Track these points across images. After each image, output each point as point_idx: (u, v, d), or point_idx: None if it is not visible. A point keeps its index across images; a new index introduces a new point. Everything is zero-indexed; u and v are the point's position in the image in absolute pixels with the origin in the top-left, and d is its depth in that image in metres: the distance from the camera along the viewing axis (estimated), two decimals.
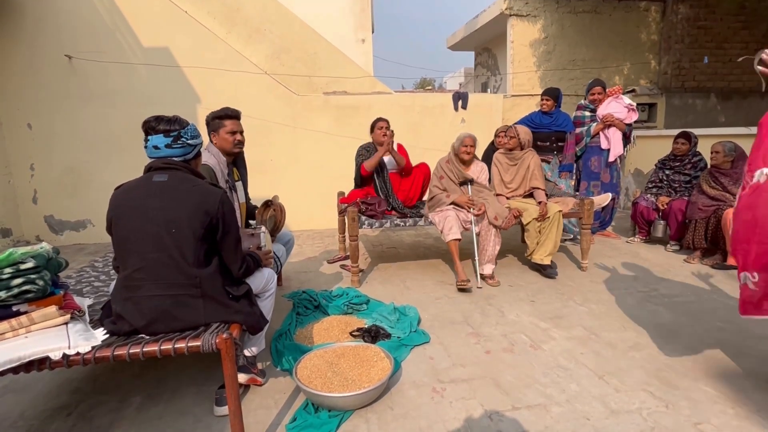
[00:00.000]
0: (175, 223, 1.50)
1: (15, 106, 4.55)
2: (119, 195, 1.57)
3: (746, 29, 6.71)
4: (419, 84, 27.09)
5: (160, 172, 1.58)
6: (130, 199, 1.54)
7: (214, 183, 1.74)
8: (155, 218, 1.50)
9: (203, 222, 1.54)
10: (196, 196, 1.55)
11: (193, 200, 1.54)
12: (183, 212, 1.51)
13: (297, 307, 2.73)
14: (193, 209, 1.53)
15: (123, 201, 1.54)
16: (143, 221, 1.50)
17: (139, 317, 1.46)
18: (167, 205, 1.51)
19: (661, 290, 3.01)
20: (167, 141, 1.58)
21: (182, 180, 1.57)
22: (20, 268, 1.30)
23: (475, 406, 1.79)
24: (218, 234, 1.61)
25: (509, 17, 6.54)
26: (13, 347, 1.24)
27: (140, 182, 1.57)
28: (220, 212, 1.58)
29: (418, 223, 3.35)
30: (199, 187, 1.58)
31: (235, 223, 1.66)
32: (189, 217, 1.51)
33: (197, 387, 1.97)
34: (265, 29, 5.07)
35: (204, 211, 1.54)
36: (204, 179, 1.67)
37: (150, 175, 1.58)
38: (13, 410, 1.85)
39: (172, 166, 1.59)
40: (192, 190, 1.56)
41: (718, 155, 3.57)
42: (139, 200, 1.52)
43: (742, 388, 1.86)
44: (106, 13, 4.59)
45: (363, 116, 5.09)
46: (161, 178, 1.56)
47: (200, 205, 1.54)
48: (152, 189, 1.54)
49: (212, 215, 1.55)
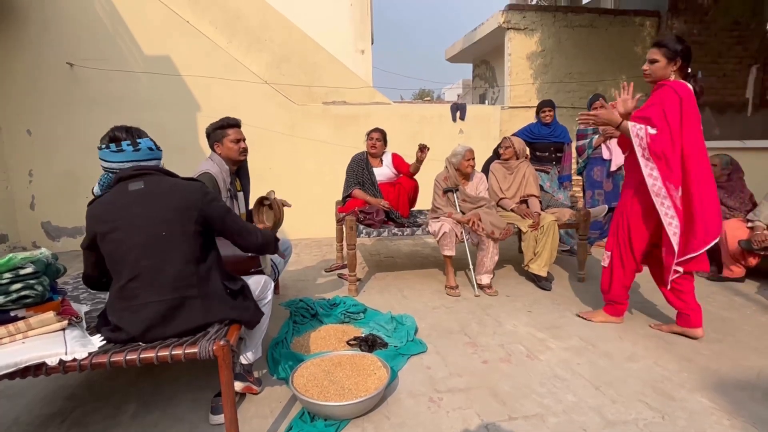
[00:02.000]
0: (164, 226, 1.50)
1: (15, 112, 4.57)
2: (97, 210, 1.54)
3: (740, 44, 6.83)
4: (418, 95, 27.33)
5: (133, 181, 1.57)
6: (109, 212, 1.52)
7: (189, 177, 1.74)
8: (141, 226, 1.49)
9: (192, 217, 1.54)
10: (177, 195, 1.55)
11: (176, 199, 1.54)
12: (169, 213, 1.52)
13: (294, 316, 2.73)
14: (179, 208, 1.53)
15: (104, 216, 1.52)
16: (129, 232, 1.49)
17: (137, 325, 1.46)
18: (150, 210, 1.51)
19: (655, 301, 3.02)
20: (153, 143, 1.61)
21: (158, 182, 1.57)
22: (19, 273, 1.30)
23: (472, 416, 1.78)
24: (215, 223, 1.62)
25: (507, 30, 6.64)
26: (10, 353, 1.23)
27: (116, 194, 1.55)
28: (206, 203, 1.59)
29: (416, 232, 3.36)
30: (177, 185, 1.59)
31: (224, 205, 1.69)
32: (175, 217, 1.52)
33: (193, 395, 1.96)
34: (265, 39, 5.13)
35: (189, 207, 1.55)
36: (177, 177, 1.67)
37: (124, 185, 1.55)
38: (7, 415, 1.84)
39: (143, 171, 1.58)
40: (172, 190, 1.56)
41: (716, 168, 3.61)
42: (120, 212, 1.51)
43: (738, 399, 1.87)
44: (108, 22, 4.64)
45: (362, 126, 5.12)
46: (137, 185, 1.54)
47: (184, 202, 1.55)
48: (131, 198, 1.53)
49: (199, 208, 1.56)
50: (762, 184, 3.58)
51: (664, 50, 2.31)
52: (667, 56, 2.30)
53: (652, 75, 2.37)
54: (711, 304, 2.95)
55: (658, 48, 2.32)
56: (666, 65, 2.31)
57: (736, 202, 3.53)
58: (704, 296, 3.10)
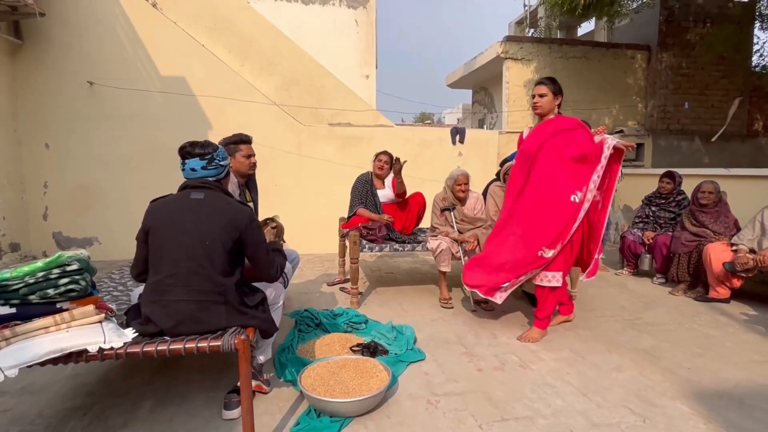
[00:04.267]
0: (209, 236, 1.69)
1: (35, 127, 4.79)
2: (157, 207, 1.76)
3: (726, 78, 7.17)
4: (419, 118, 27.84)
5: (197, 191, 1.79)
6: (168, 211, 1.72)
7: (242, 201, 1.95)
8: (191, 231, 1.68)
9: (233, 236, 1.73)
10: (228, 213, 1.75)
11: (226, 217, 1.74)
12: (216, 227, 1.70)
13: (299, 325, 2.86)
14: (226, 225, 1.72)
15: (161, 213, 1.73)
16: (179, 232, 1.68)
17: (166, 319, 1.61)
18: (203, 219, 1.70)
19: (645, 318, 3.17)
20: (203, 163, 1.79)
21: (216, 198, 1.78)
22: (66, 269, 1.47)
23: (467, 417, 1.91)
24: (248, 248, 1.80)
25: (505, 60, 6.97)
26: (57, 339, 1.38)
27: (178, 198, 1.77)
28: (249, 228, 1.78)
29: (416, 248, 3.52)
30: (231, 205, 1.79)
31: (263, 235, 1.86)
32: (221, 232, 1.71)
33: (205, 393, 2.08)
34: (276, 63, 5.42)
35: (234, 226, 1.73)
36: (233, 198, 1.87)
37: (187, 192, 1.77)
38: (31, 409, 1.96)
39: (207, 185, 1.80)
40: (225, 208, 1.76)
41: (712, 195, 3.78)
42: (177, 213, 1.71)
43: (715, 407, 2.01)
44: (128, 44, 4.92)
45: (366, 146, 5.37)
46: (198, 195, 1.76)
47: (232, 221, 1.74)
48: (189, 204, 1.74)
49: (241, 230, 1.75)
50: (746, 210, 3.77)
51: (551, 86, 2.67)
52: (553, 91, 2.66)
53: (542, 108, 2.70)
54: (696, 323, 3.10)
55: (545, 84, 2.68)
56: (553, 99, 2.67)
57: (722, 226, 3.72)
58: (691, 315, 3.25)
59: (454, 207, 3.49)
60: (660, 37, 6.96)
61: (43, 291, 1.45)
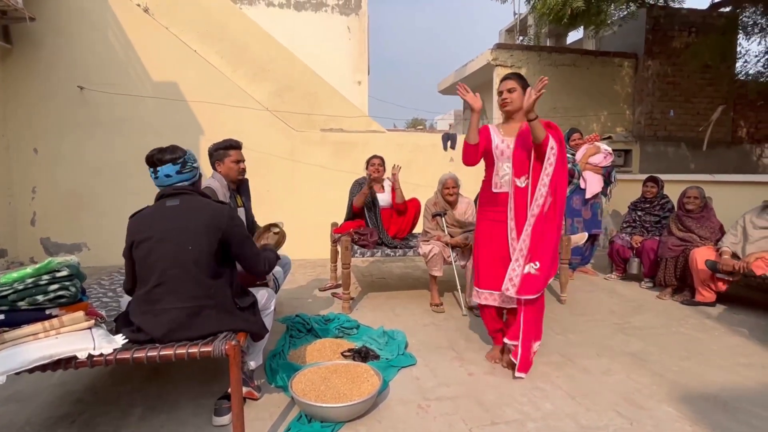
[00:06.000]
0: (192, 241, 1.69)
1: (23, 131, 4.74)
2: (137, 221, 1.76)
3: (711, 86, 7.32)
4: (411, 123, 28.01)
5: (171, 198, 1.78)
6: (148, 224, 1.72)
7: (219, 200, 1.95)
8: (173, 238, 1.68)
9: (216, 236, 1.73)
10: (206, 214, 1.75)
11: (205, 218, 1.74)
12: (198, 230, 1.71)
13: (290, 330, 2.86)
14: (206, 226, 1.72)
15: (142, 226, 1.73)
16: (162, 242, 1.68)
17: (157, 328, 1.61)
18: (182, 225, 1.70)
19: (633, 322, 3.21)
20: (177, 168, 1.80)
21: (192, 201, 1.78)
22: (56, 275, 1.46)
23: (457, 421, 1.93)
24: (233, 246, 1.80)
25: (495, 67, 7.06)
26: (46, 346, 1.38)
27: (155, 208, 1.77)
28: (230, 226, 1.78)
29: (407, 253, 3.54)
30: (209, 206, 1.79)
31: (245, 231, 1.87)
32: (203, 234, 1.71)
33: (195, 401, 2.07)
34: (269, 69, 5.43)
35: (216, 226, 1.74)
36: (210, 198, 1.88)
37: (163, 202, 1.78)
38: (18, 417, 1.94)
39: (181, 191, 1.79)
40: (202, 210, 1.76)
41: (697, 200, 3.85)
42: (157, 224, 1.71)
43: (701, 409, 2.04)
44: (120, 49, 4.90)
45: (359, 152, 5.39)
46: (174, 202, 1.76)
47: (211, 221, 1.74)
48: (167, 213, 1.73)
49: (223, 229, 1.75)
50: (731, 215, 3.85)
51: (518, 80, 2.35)
52: (522, 86, 2.34)
53: (512, 103, 2.36)
54: (684, 326, 3.15)
55: (512, 79, 2.36)
56: (522, 95, 2.31)
57: (707, 231, 3.79)
58: (678, 319, 3.30)
59: (445, 212, 3.52)
60: (646, 46, 7.10)
61: (33, 297, 1.44)
